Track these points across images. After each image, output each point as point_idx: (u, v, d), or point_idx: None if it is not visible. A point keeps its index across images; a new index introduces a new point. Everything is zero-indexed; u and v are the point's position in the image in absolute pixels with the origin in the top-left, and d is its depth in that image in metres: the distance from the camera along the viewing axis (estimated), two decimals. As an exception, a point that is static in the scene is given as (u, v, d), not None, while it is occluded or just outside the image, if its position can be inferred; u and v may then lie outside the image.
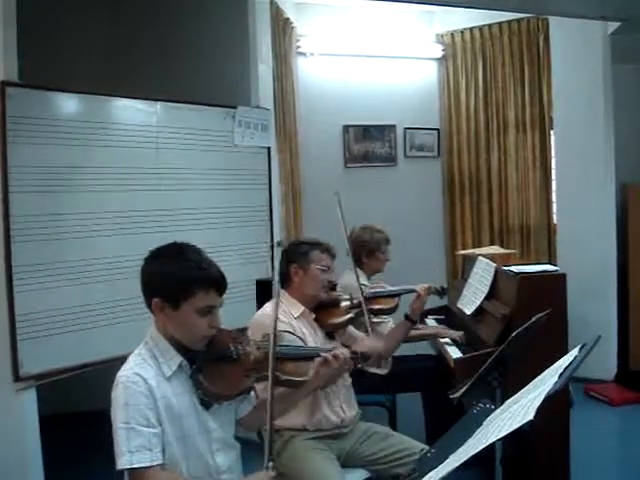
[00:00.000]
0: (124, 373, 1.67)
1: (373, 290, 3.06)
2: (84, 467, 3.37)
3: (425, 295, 2.91)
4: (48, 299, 2.73)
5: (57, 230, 2.79)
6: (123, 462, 1.59)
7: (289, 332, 2.25)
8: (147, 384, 1.65)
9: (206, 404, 1.74)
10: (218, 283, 1.74)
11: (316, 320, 2.50)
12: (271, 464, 1.63)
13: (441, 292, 3.14)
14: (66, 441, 3.50)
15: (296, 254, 2.48)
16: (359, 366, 2.08)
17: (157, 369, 1.69)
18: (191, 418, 1.71)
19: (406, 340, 2.91)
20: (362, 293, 2.72)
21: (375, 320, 2.90)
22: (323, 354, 1.95)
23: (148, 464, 1.60)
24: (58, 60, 3.61)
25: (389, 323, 3.09)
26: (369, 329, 2.70)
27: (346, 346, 2.39)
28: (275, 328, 1.74)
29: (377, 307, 2.95)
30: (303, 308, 2.44)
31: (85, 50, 3.93)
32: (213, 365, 1.73)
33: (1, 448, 2.57)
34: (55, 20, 3.82)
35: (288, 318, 2.36)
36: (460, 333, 3.22)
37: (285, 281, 2.50)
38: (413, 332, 3.16)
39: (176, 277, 1.69)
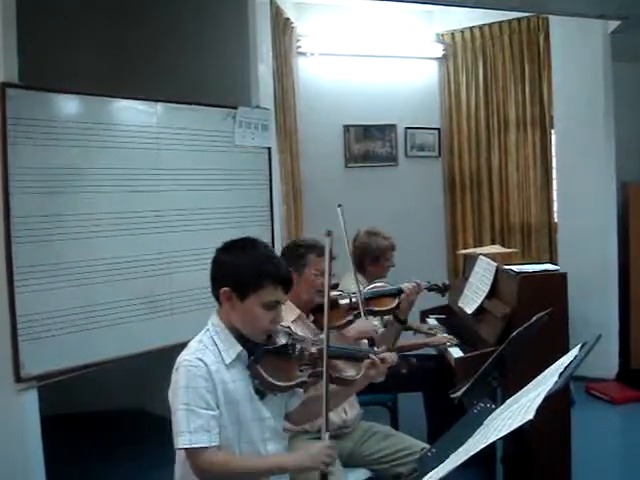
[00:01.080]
0: (186, 357, 1.73)
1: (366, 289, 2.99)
2: (86, 468, 3.38)
3: (412, 293, 2.85)
4: (49, 300, 2.73)
5: (58, 231, 2.78)
6: (183, 441, 1.66)
7: None
8: (208, 368, 1.71)
9: (261, 394, 1.81)
10: (286, 280, 1.83)
11: (315, 322, 2.47)
12: (328, 434, 1.74)
13: (443, 289, 3.08)
14: (68, 442, 3.50)
15: (292, 257, 2.42)
16: (403, 371, 2.09)
17: (217, 356, 1.76)
18: (246, 405, 1.78)
19: (398, 351, 2.88)
20: (360, 295, 2.68)
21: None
22: (372, 356, 2.01)
23: (206, 444, 1.67)
24: (58, 61, 3.62)
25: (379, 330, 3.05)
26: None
27: None
28: (327, 327, 1.83)
29: (376, 309, 2.84)
30: (299, 312, 2.41)
31: (85, 51, 3.92)
32: (271, 357, 1.81)
33: (2, 449, 2.57)
34: (55, 20, 3.81)
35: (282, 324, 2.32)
36: (449, 337, 3.16)
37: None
38: (404, 342, 3.14)
39: (248, 268, 1.77)
